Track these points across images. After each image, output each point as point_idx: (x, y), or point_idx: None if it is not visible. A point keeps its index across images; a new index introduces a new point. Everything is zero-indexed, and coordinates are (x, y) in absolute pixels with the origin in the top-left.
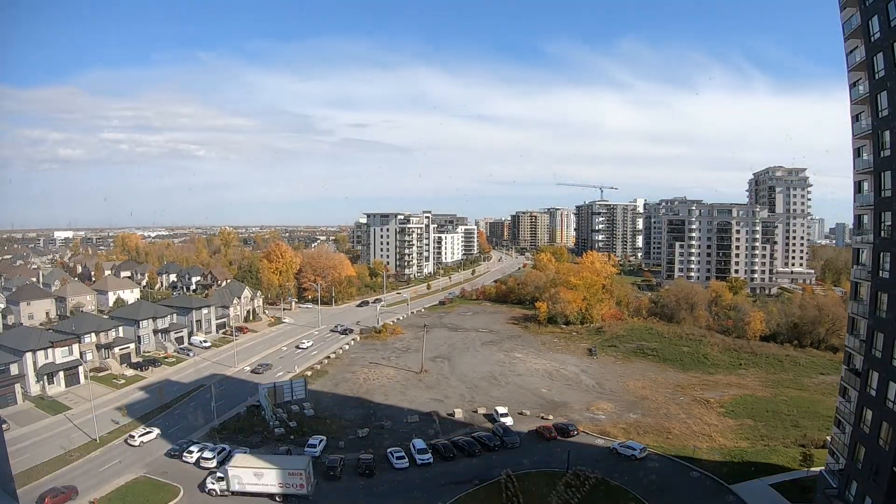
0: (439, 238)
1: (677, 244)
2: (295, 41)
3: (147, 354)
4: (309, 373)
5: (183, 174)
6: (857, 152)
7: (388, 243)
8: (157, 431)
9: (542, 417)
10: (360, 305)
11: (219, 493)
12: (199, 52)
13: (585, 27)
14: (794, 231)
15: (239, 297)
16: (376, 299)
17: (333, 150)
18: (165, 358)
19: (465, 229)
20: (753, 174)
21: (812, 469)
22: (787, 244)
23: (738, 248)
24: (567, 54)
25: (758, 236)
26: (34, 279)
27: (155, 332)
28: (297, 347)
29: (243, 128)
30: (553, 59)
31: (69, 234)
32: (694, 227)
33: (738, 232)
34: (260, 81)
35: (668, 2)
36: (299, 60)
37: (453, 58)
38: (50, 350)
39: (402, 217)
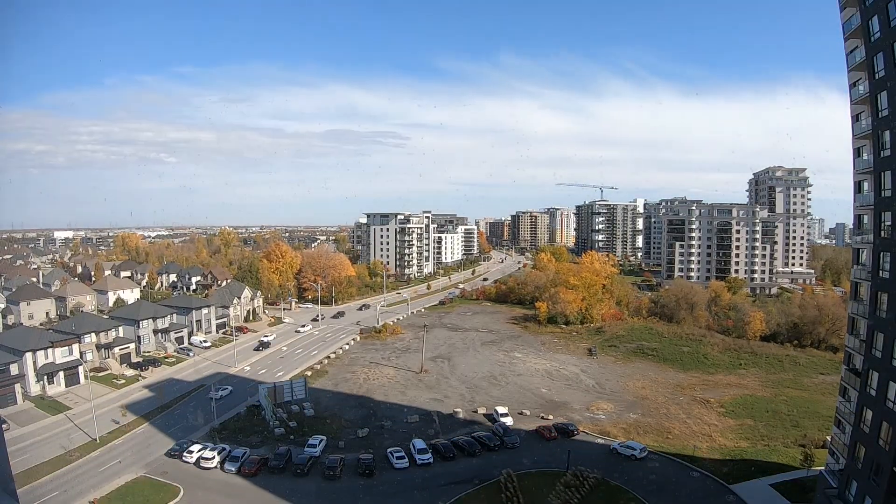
0: (439, 238)
1: (677, 244)
2: (215, 66)
3: (147, 354)
4: (309, 373)
5: (163, 177)
6: (857, 152)
7: (388, 243)
8: None
9: (542, 417)
10: (360, 309)
11: None
12: (141, 75)
13: (464, 45)
14: (794, 231)
15: (239, 297)
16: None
17: (294, 156)
18: (165, 358)
19: (465, 229)
20: (753, 174)
21: (812, 469)
22: (787, 244)
23: (738, 248)
24: (457, 68)
25: (758, 236)
26: (34, 279)
27: (155, 332)
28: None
29: (202, 139)
30: (448, 73)
31: (69, 234)
32: (694, 227)
33: (738, 232)
34: (198, 101)
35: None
36: (226, 83)
37: (362, 76)
38: (50, 350)
39: (402, 217)
